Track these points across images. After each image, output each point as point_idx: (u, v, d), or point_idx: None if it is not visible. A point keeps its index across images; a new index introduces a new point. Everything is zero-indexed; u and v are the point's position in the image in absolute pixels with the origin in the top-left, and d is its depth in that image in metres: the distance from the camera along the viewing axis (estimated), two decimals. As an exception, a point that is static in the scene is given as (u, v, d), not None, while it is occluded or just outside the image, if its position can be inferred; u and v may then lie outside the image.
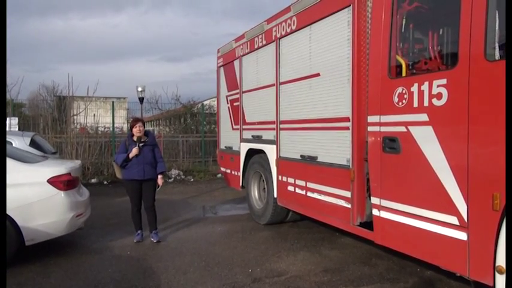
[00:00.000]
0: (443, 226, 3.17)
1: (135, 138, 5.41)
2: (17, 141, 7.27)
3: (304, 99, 5.11)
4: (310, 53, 4.96)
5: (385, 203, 3.76)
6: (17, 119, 11.32)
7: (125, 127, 20.29)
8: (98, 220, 6.70)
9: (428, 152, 3.29)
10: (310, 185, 4.99)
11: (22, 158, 4.94)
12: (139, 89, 15.74)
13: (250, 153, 6.75)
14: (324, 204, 4.71)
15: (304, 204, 5.19)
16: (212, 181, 12.01)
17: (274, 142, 5.89)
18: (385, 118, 3.71)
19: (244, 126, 7.00)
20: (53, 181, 4.70)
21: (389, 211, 3.71)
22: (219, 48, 8.10)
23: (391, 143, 3.65)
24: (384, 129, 3.73)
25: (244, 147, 6.92)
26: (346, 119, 4.31)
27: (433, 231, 3.29)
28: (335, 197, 4.50)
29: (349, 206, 4.29)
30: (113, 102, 14.04)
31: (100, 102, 19.65)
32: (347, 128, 4.30)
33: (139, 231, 5.57)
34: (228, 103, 7.78)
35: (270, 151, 6.01)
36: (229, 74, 7.64)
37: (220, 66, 8.11)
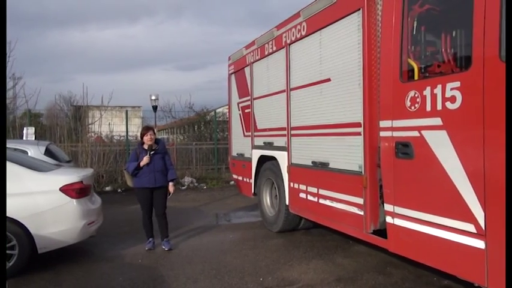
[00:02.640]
0: (460, 234, 3.06)
1: (145, 147, 5.43)
2: (32, 150, 7.38)
3: (314, 104, 5.05)
4: (321, 58, 4.91)
5: (399, 210, 3.65)
6: (33, 128, 11.52)
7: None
8: (111, 228, 6.71)
9: (443, 157, 3.19)
10: (322, 191, 4.91)
11: (35, 166, 5.00)
12: (153, 97, 15.92)
13: (262, 160, 6.70)
14: (336, 211, 4.62)
15: (316, 211, 5.10)
16: (225, 188, 11.98)
17: (285, 149, 5.83)
18: (398, 123, 3.62)
19: (255, 133, 6.96)
20: (65, 189, 4.73)
21: (404, 218, 3.60)
22: (230, 55, 8.12)
23: (404, 148, 3.56)
24: (396, 134, 3.64)
25: (255, 154, 6.87)
26: (358, 125, 4.23)
27: (449, 239, 3.18)
28: (347, 204, 4.41)
29: (361, 213, 4.19)
30: (126, 111, 14.20)
31: (115, 111, 19.92)
32: (359, 134, 4.22)
33: (150, 239, 5.56)
34: (239, 110, 7.76)
35: (282, 158, 5.95)
36: (240, 81, 7.63)
37: (231, 74, 8.12)
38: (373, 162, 4.09)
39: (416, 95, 3.41)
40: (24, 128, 11.64)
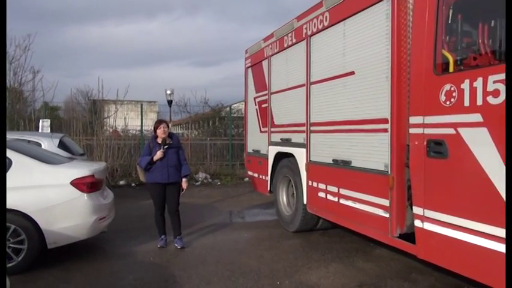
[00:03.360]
0: (499, 242, 2.77)
1: (159, 140, 5.24)
2: (46, 143, 7.29)
3: (337, 99, 4.78)
4: (344, 50, 4.63)
5: (430, 213, 3.37)
6: (49, 121, 11.48)
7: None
8: (123, 223, 6.57)
9: (482, 157, 2.90)
10: (344, 191, 4.65)
11: (46, 158, 4.86)
12: (168, 91, 15.83)
13: (279, 157, 6.46)
14: (359, 212, 4.35)
15: (336, 212, 4.84)
16: (239, 185, 11.78)
17: (304, 145, 5.57)
18: (430, 119, 3.33)
19: (272, 129, 6.72)
20: (76, 183, 4.58)
21: (434, 222, 3.33)
22: (247, 48, 7.88)
23: (437, 146, 3.27)
24: (428, 131, 3.36)
25: (272, 151, 6.63)
26: (385, 121, 3.95)
27: (485, 246, 2.90)
28: (371, 206, 4.14)
29: (387, 215, 3.92)
30: (141, 104, 14.12)
31: (132, 105, 19.94)
32: (385, 131, 3.94)
33: (163, 236, 5.38)
34: (256, 105, 7.53)
35: (300, 155, 5.70)
36: (258, 74, 7.39)
37: (248, 67, 7.88)
38: (401, 162, 3.81)
39: (452, 89, 3.12)
40: (40, 121, 11.62)
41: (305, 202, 5.60)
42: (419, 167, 3.46)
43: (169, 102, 15.99)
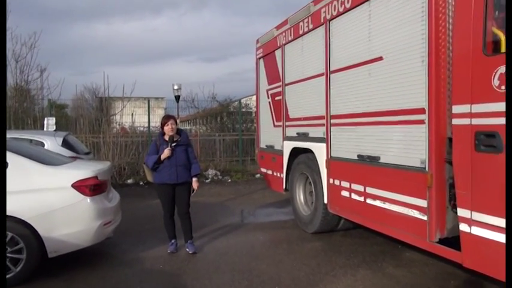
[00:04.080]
0: None
1: (166, 138, 4.84)
2: (49, 142, 6.94)
3: (361, 88, 4.33)
4: (370, 34, 4.17)
5: (479, 216, 2.93)
6: (54, 119, 11.13)
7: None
8: (131, 225, 6.21)
9: (549, 152, 2.44)
10: (371, 190, 4.21)
11: (45, 159, 4.49)
12: (175, 87, 15.46)
13: (295, 152, 6.03)
14: (390, 214, 3.91)
15: (362, 212, 4.40)
16: (250, 182, 11.37)
17: (323, 140, 5.13)
18: (480, 107, 2.87)
19: (287, 123, 6.28)
20: (78, 185, 4.20)
21: (485, 227, 2.88)
22: (259, 38, 7.43)
23: (488, 139, 2.82)
24: (477, 121, 2.90)
25: (287, 146, 6.20)
26: (420, 111, 3.49)
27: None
28: (405, 206, 3.69)
29: (424, 218, 3.47)
30: (148, 100, 13.75)
31: (139, 102, 19.66)
32: (421, 122, 3.48)
33: (173, 241, 5.00)
34: (268, 98, 7.09)
35: (319, 150, 5.26)
36: (270, 65, 6.94)
37: (259, 58, 7.43)
38: (441, 157, 3.36)
39: (508, 72, 2.65)
40: (45, 119, 11.31)
41: (325, 201, 5.16)
42: (465, 163, 3.01)
43: (177, 98, 15.63)
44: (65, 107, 18.98)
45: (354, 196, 4.50)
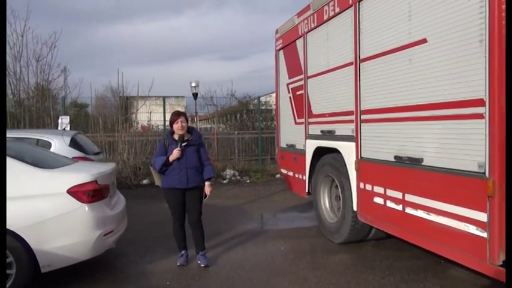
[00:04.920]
0: None
1: (176, 137, 4.32)
2: (57, 141, 6.54)
3: (399, 78, 3.69)
4: (410, 12, 3.52)
5: None
6: (68, 117, 10.86)
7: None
8: (140, 231, 5.75)
9: None
10: (411, 198, 3.56)
11: (40, 161, 4.03)
12: (193, 84, 15.09)
13: (319, 152, 5.41)
14: (436, 227, 3.26)
15: (400, 224, 3.76)
16: (270, 182, 10.79)
17: (352, 138, 4.50)
18: None
19: (310, 120, 5.67)
20: (74, 191, 3.72)
21: None
22: (278, 27, 6.83)
23: None
24: None
25: (310, 146, 5.59)
26: (478, 102, 2.83)
27: None
28: (457, 219, 3.04)
29: (484, 235, 2.82)
30: (163, 98, 13.34)
31: (159, 100, 19.48)
32: (479, 116, 2.83)
33: (183, 252, 4.48)
34: (289, 92, 6.49)
35: (347, 150, 4.63)
36: (291, 56, 6.34)
37: (279, 49, 6.83)
38: (506, 160, 2.69)
39: None
40: (59, 117, 11.05)
41: (355, 208, 4.54)
42: (544, 168, 2.35)
43: (195, 95, 15.25)
44: (85, 106, 18.90)
45: (390, 204, 3.86)
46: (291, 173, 6.51)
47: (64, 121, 10.80)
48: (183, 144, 4.28)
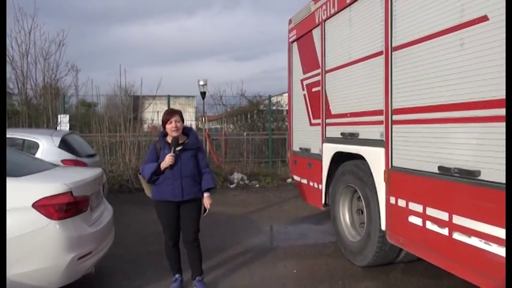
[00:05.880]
0: None
1: (169, 140, 3.62)
2: (45, 142, 5.91)
3: (446, 69, 2.93)
4: (463, -16, 2.76)
5: None
6: (67, 116, 10.33)
7: (194, 125, 19.25)
8: (133, 245, 5.09)
9: None
10: (463, 221, 2.79)
11: (8, 167, 3.35)
12: (201, 82, 14.44)
13: (339, 158, 4.67)
14: (499, 262, 2.49)
15: (446, 253, 2.99)
16: (281, 187, 10.05)
17: (381, 143, 3.75)
18: None
19: (328, 120, 4.93)
20: (42, 205, 3.05)
21: None
22: (292, 17, 6.10)
23: None
24: None
25: (328, 150, 4.85)
26: None
27: None
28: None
29: None
30: (168, 96, 12.71)
31: (170, 101, 19.04)
32: None
33: (177, 276, 3.78)
34: (303, 89, 5.75)
35: (374, 157, 3.88)
36: (306, 49, 5.60)
37: (292, 41, 6.10)
38: None
39: None
40: (59, 116, 10.49)
41: (383, 227, 3.78)
42: None
43: (203, 94, 14.61)
44: (94, 105, 18.45)
45: (432, 226, 3.10)
46: (304, 181, 5.76)
47: (64, 120, 10.25)
48: (178, 148, 3.58)
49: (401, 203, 3.49)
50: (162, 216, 3.68)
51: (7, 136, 5.74)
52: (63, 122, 10.23)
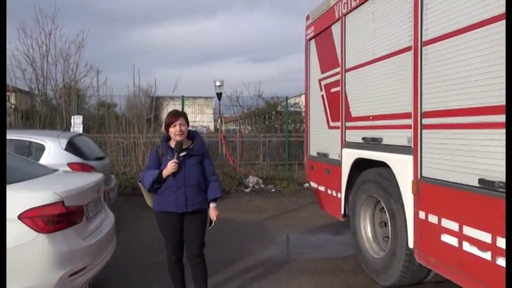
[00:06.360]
0: None
1: (172, 144, 3.29)
2: (51, 144, 5.68)
3: (490, 64, 2.50)
4: (512, -36, 2.33)
5: None
6: (81, 117, 10.19)
7: (212, 126, 19.08)
8: (138, 255, 4.81)
9: None
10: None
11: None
12: (217, 83, 14.19)
13: (360, 165, 4.26)
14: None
15: (488, 280, 2.56)
16: (298, 193, 9.63)
17: (409, 150, 3.33)
18: None
19: (348, 123, 4.52)
20: (28, 216, 2.76)
21: None
22: (309, 12, 5.71)
23: None
24: None
25: (348, 156, 4.44)
26: None
27: None
28: None
29: None
30: (182, 97, 12.44)
31: (188, 101, 18.90)
32: None
33: (180, 295, 3.44)
34: (321, 90, 5.35)
35: (401, 165, 3.46)
36: (325, 46, 5.21)
37: (310, 39, 5.72)
38: None
39: None
40: (72, 117, 10.37)
41: (410, 245, 3.35)
42: None
43: (219, 95, 14.35)
44: (113, 106, 18.47)
45: (470, 248, 2.67)
46: (322, 188, 5.37)
47: (77, 121, 10.13)
48: (182, 154, 3.25)
49: (433, 218, 3.06)
50: (164, 228, 3.35)
51: (13, 138, 5.64)
52: (77, 123, 10.11)
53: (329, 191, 5.09)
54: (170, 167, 3.16)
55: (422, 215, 3.18)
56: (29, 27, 14.04)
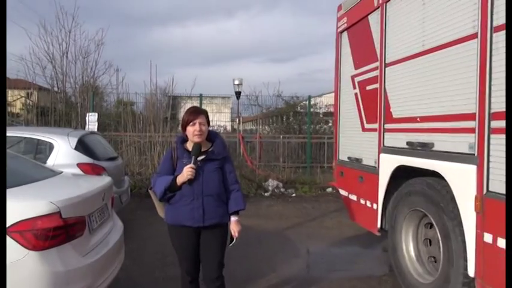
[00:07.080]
0: None
1: (189, 146, 2.81)
2: (61, 143, 5.30)
3: None
4: None
5: None
6: (96, 115, 9.87)
7: (229, 126, 18.67)
8: (150, 266, 4.38)
9: None
10: None
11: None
12: (236, 82, 13.77)
13: (402, 173, 3.71)
14: None
15: None
16: (320, 198, 9.07)
17: (471, 159, 2.77)
18: None
19: (388, 125, 3.97)
20: (18, 230, 2.32)
21: None
22: (342, 3, 5.17)
23: None
24: None
25: (387, 163, 3.90)
26: None
27: None
28: None
29: None
30: (200, 95, 12.04)
31: (206, 101, 18.60)
32: None
33: (194, 320, 2.96)
34: (355, 88, 4.81)
35: (459, 176, 2.90)
36: (360, 39, 4.67)
37: (342, 31, 5.18)
38: None
39: None
40: (87, 115, 10.07)
41: (471, 273, 2.79)
42: None
43: (238, 94, 13.92)
44: (131, 104, 18.29)
45: (562, 286, 2.10)
46: (353, 197, 4.82)
47: (92, 118, 9.82)
48: (200, 158, 2.77)
49: (502, 243, 2.50)
50: (177, 244, 2.88)
51: (22, 135, 5.30)
52: (91, 120, 9.80)
53: (362, 201, 4.54)
54: (186, 172, 2.68)
55: (488, 238, 2.62)
56: (50, 24, 13.91)
